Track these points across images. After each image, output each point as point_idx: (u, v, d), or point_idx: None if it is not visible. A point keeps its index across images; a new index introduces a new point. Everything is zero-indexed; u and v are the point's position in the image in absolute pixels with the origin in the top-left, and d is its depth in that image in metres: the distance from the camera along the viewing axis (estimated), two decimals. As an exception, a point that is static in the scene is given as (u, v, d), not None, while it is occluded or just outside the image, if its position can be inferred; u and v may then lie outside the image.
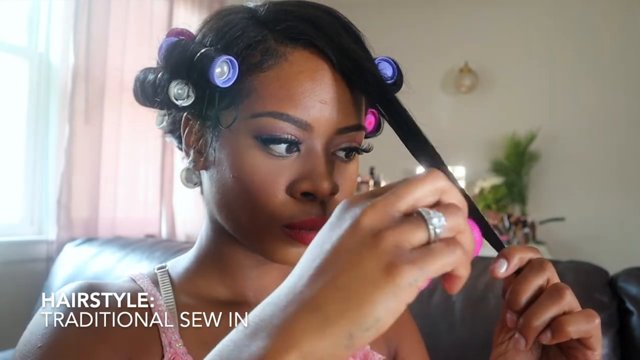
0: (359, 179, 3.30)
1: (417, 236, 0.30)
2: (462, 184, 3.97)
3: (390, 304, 0.28)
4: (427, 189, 0.32)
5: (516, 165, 3.33)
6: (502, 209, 3.33)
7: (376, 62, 0.51)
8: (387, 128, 0.48)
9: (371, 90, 0.46)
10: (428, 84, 3.60)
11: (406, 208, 0.31)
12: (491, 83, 3.51)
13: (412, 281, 0.29)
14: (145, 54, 2.04)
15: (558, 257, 2.12)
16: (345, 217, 0.31)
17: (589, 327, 0.40)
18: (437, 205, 0.32)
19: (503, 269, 0.41)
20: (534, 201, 3.37)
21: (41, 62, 1.94)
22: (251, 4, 0.52)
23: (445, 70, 3.60)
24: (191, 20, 2.35)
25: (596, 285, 1.06)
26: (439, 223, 0.30)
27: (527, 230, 3.13)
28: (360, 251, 0.30)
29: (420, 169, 0.39)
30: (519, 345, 0.41)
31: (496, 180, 3.33)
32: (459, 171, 3.55)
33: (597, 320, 0.41)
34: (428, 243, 0.30)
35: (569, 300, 0.41)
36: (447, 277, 0.31)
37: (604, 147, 3.24)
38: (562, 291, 0.41)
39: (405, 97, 0.50)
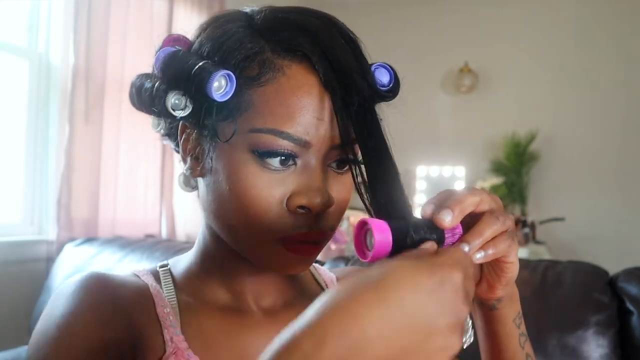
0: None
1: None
2: (461, 184, 3.94)
3: None
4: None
5: (516, 165, 3.33)
6: (502, 209, 3.33)
7: (373, 68, 0.49)
8: (388, 128, 0.47)
9: (350, 109, 0.45)
10: (428, 84, 3.60)
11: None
12: (491, 83, 3.51)
13: None
14: (145, 54, 2.04)
15: (558, 257, 2.12)
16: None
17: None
18: None
19: (449, 218, 0.39)
20: (534, 201, 3.37)
21: (41, 62, 1.94)
22: (247, 9, 0.51)
23: (445, 70, 3.60)
24: (191, 20, 2.35)
25: (596, 285, 1.06)
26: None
27: (527, 230, 3.13)
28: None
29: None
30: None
31: (496, 180, 3.32)
32: (459, 171, 3.55)
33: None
34: None
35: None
36: None
37: (603, 147, 3.24)
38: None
39: (405, 97, 0.50)
